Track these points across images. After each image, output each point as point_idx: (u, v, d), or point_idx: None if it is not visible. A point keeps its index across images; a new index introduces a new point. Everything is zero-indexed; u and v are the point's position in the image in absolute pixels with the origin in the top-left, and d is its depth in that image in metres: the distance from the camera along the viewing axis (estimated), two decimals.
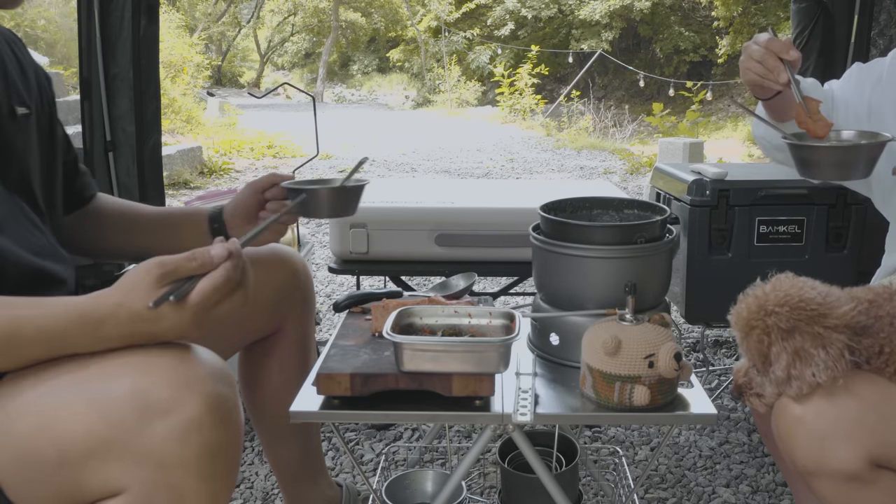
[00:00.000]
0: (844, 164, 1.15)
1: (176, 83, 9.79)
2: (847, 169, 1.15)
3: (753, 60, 1.27)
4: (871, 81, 1.40)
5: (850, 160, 1.14)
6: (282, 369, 1.51)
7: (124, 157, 2.14)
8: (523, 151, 9.69)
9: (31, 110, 1.19)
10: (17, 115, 1.13)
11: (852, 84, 1.43)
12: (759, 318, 1.07)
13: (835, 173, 1.18)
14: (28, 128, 1.17)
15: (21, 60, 1.21)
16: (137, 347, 0.89)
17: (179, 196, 6.10)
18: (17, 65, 1.19)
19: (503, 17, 17.80)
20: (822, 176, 1.19)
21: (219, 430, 0.86)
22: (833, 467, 1.02)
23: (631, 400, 1.13)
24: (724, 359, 2.78)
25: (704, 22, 15.38)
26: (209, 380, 0.87)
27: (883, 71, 1.39)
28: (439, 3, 18.87)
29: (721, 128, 11.90)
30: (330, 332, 2.79)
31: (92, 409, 0.84)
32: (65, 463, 0.85)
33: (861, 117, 1.39)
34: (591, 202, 1.52)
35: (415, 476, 1.67)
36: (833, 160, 1.15)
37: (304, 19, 23.91)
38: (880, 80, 1.39)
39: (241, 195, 1.41)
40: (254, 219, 1.39)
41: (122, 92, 2.10)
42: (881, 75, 1.39)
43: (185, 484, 0.85)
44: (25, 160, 1.15)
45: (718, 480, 1.98)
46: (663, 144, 7.66)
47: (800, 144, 1.17)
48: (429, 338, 1.21)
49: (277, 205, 1.38)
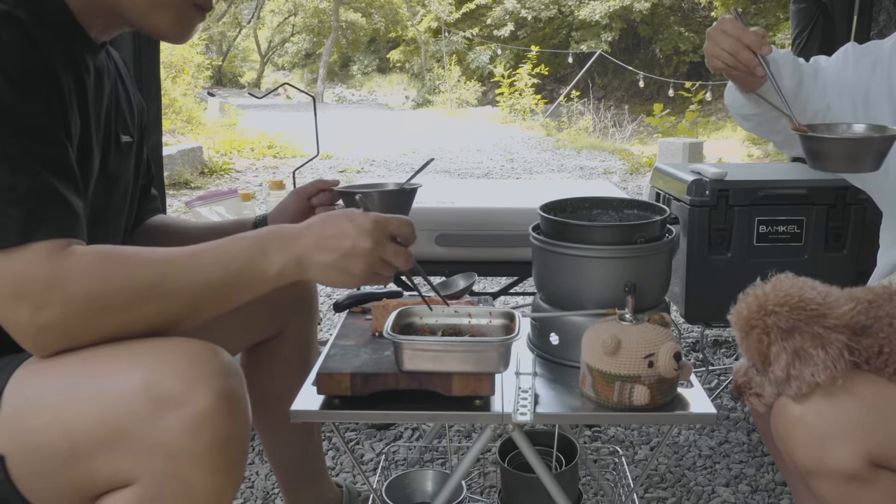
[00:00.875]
0: (854, 156, 1.16)
1: (176, 83, 9.79)
2: (856, 161, 1.16)
3: (723, 50, 1.25)
4: (868, 64, 1.37)
5: (860, 153, 1.15)
6: (283, 371, 1.51)
7: None
8: (523, 151, 9.69)
9: (133, 138, 1.24)
10: (121, 143, 1.18)
11: (849, 65, 1.39)
12: (758, 318, 1.08)
13: (844, 165, 1.18)
14: (129, 155, 1.23)
15: (129, 89, 1.26)
16: (149, 342, 0.91)
17: (180, 196, 6.10)
18: (126, 94, 1.24)
19: (503, 18, 17.81)
20: (832, 168, 1.19)
21: (229, 424, 0.87)
22: (832, 467, 1.02)
23: (630, 399, 1.13)
24: (723, 358, 2.78)
25: (704, 22, 15.38)
26: (220, 374, 0.88)
27: (882, 54, 1.37)
28: (439, 4, 18.88)
29: (720, 128, 11.90)
30: (330, 332, 2.79)
31: (104, 401, 0.85)
32: (76, 455, 0.86)
33: (857, 101, 1.36)
34: (590, 202, 1.53)
35: (415, 476, 1.67)
36: (843, 152, 1.16)
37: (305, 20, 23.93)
38: (879, 63, 1.36)
39: (286, 201, 1.43)
40: None
41: None
42: (879, 57, 1.37)
43: (195, 476, 0.86)
44: (124, 186, 1.21)
45: (718, 480, 1.98)
46: (663, 144, 7.66)
47: (811, 136, 1.17)
48: (429, 338, 1.21)
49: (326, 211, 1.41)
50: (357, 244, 0.97)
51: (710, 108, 12.91)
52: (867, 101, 1.36)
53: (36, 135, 0.90)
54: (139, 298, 0.91)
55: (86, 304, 0.88)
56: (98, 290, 0.88)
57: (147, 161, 1.38)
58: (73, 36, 1.04)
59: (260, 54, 25.38)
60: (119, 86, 1.22)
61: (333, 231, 0.98)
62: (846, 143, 1.18)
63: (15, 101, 0.88)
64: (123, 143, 1.19)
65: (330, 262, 0.97)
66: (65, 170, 0.93)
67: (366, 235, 0.98)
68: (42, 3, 0.98)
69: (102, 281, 0.89)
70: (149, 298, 0.91)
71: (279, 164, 8.47)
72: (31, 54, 0.91)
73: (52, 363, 0.91)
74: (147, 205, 1.41)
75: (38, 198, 0.88)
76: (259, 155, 8.94)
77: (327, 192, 1.42)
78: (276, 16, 24.45)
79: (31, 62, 0.91)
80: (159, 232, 1.41)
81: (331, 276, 0.98)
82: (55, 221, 0.89)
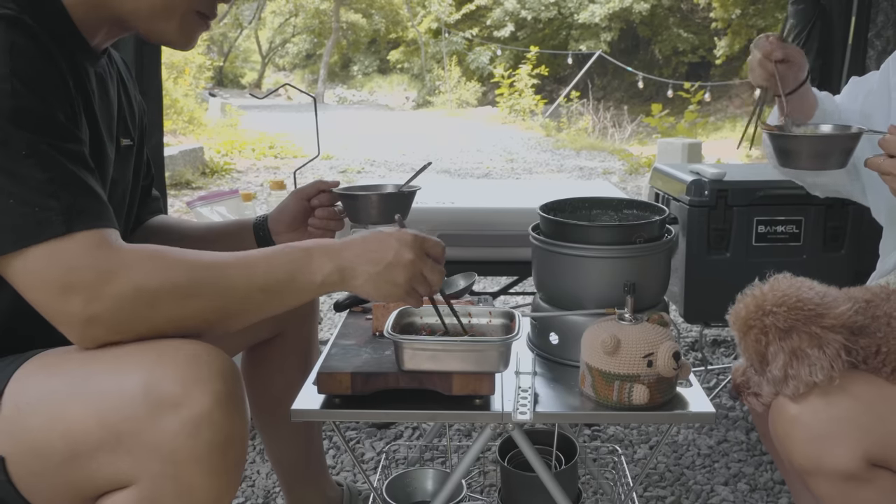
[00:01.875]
0: (820, 154, 1.20)
1: (178, 84, 9.79)
2: (823, 159, 1.20)
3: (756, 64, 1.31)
4: (863, 92, 1.44)
5: (827, 150, 1.19)
6: (284, 371, 1.52)
7: None
8: (523, 152, 9.70)
9: (134, 141, 1.25)
10: (121, 146, 1.19)
11: (849, 96, 1.47)
12: (756, 318, 1.08)
13: (811, 163, 1.22)
14: (129, 158, 1.24)
15: (130, 92, 1.27)
16: (148, 344, 0.91)
17: (181, 196, 6.10)
18: (127, 97, 1.25)
19: (503, 19, 17.80)
20: (800, 165, 1.23)
21: (227, 425, 0.88)
22: (830, 466, 1.02)
23: (630, 399, 1.14)
24: (722, 358, 2.79)
25: (703, 23, 15.37)
26: (218, 375, 0.88)
27: (874, 83, 1.43)
28: (439, 5, 18.87)
29: (719, 128, 11.90)
30: (331, 332, 2.80)
31: (103, 402, 0.86)
32: (75, 456, 0.86)
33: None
34: (590, 202, 1.53)
35: (415, 474, 1.68)
36: (809, 150, 1.20)
37: (306, 20, 23.91)
38: (871, 92, 1.42)
39: (286, 202, 1.43)
40: (300, 225, 1.42)
41: None
42: (872, 87, 1.43)
43: (194, 477, 0.86)
44: (124, 188, 1.22)
45: (717, 479, 1.98)
46: (662, 145, 7.67)
47: (778, 134, 1.22)
48: (429, 337, 1.22)
49: (327, 212, 1.41)
50: (400, 254, 1.02)
51: (709, 109, 12.92)
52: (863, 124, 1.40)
53: (57, 134, 0.91)
54: (188, 296, 0.92)
55: (136, 298, 0.89)
56: (149, 283, 0.90)
57: (148, 162, 1.38)
58: (73, 44, 1.04)
59: (261, 55, 25.37)
60: (121, 91, 1.22)
61: (377, 244, 1.03)
62: (813, 140, 1.22)
63: (34, 104, 0.89)
64: (123, 146, 1.20)
65: (375, 272, 1.02)
66: (87, 164, 0.94)
67: (408, 248, 1.03)
68: (43, 10, 0.99)
69: (153, 275, 0.90)
70: (198, 296, 0.93)
71: (280, 165, 8.47)
72: (42, 58, 0.92)
73: (51, 364, 0.91)
74: (148, 206, 1.42)
75: (73, 190, 0.90)
76: (260, 155, 8.95)
77: (327, 193, 1.43)
78: (276, 17, 24.43)
79: (43, 66, 0.92)
80: (160, 232, 1.41)
81: (376, 285, 1.03)
82: (92, 211, 0.91)
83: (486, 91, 17.81)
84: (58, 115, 0.92)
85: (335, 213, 1.43)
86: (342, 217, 1.45)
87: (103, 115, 1.11)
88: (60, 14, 1.02)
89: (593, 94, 13.78)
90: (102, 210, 0.93)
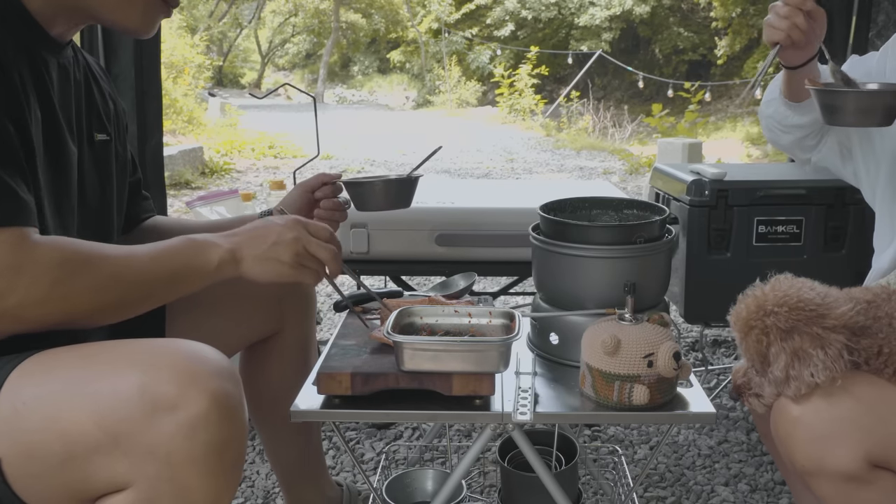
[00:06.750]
0: (865, 109, 1.21)
1: (177, 84, 9.79)
2: (867, 115, 1.21)
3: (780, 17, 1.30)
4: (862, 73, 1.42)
5: (871, 106, 1.21)
6: (283, 370, 1.51)
7: None
8: (523, 152, 9.70)
9: (111, 137, 1.25)
10: (94, 140, 1.20)
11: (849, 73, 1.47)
12: (757, 319, 1.08)
13: (855, 119, 1.23)
14: (107, 153, 1.24)
15: (104, 89, 1.28)
16: (146, 344, 0.91)
17: (181, 196, 6.10)
18: (100, 91, 1.26)
19: (503, 18, 17.79)
20: (844, 121, 1.24)
21: (224, 427, 0.87)
22: (831, 467, 1.02)
23: (630, 399, 1.14)
24: (723, 358, 2.78)
25: (703, 23, 15.37)
26: (215, 376, 0.88)
27: (873, 64, 1.44)
28: (439, 4, 18.87)
29: (720, 128, 11.90)
30: (330, 332, 2.79)
31: (99, 404, 0.85)
32: (71, 458, 0.86)
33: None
34: (590, 202, 1.53)
35: (415, 475, 1.68)
36: (857, 106, 1.21)
37: (305, 20, 23.91)
38: (870, 72, 1.42)
39: (291, 196, 1.46)
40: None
41: (123, 92, 2.11)
42: (871, 67, 1.44)
43: (191, 479, 0.86)
44: (104, 184, 1.22)
45: (717, 479, 1.98)
46: (662, 145, 7.67)
47: (825, 90, 1.23)
48: (429, 337, 1.21)
49: (332, 203, 1.45)
50: (282, 234, 1.11)
51: (710, 109, 12.91)
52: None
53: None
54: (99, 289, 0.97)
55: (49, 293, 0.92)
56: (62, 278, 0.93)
57: (133, 161, 1.38)
58: (28, 33, 1.04)
59: (260, 55, 25.36)
60: (92, 84, 1.22)
61: (262, 229, 1.12)
62: (861, 95, 1.23)
63: None
64: (98, 140, 1.20)
65: (260, 252, 1.10)
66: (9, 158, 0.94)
67: (288, 229, 1.12)
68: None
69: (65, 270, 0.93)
70: (107, 289, 0.98)
71: (280, 165, 8.47)
72: None
73: (48, 365, 0.91)
74: (140, 205, 1.41)
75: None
76: (259, 155, 8.95)
77: (330, 185, 1.46)
78: (276, 16, 24.42)
79: None
80: (160, 232, 1.40)
81: (263, 265, 1.10)
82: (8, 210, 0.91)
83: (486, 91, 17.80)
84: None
85: (339, 204, 1.47)
86: (346, 208, 1.48)
87: (64, 105, 1.11)
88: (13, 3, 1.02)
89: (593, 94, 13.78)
90: (20, 208, 0.93)
